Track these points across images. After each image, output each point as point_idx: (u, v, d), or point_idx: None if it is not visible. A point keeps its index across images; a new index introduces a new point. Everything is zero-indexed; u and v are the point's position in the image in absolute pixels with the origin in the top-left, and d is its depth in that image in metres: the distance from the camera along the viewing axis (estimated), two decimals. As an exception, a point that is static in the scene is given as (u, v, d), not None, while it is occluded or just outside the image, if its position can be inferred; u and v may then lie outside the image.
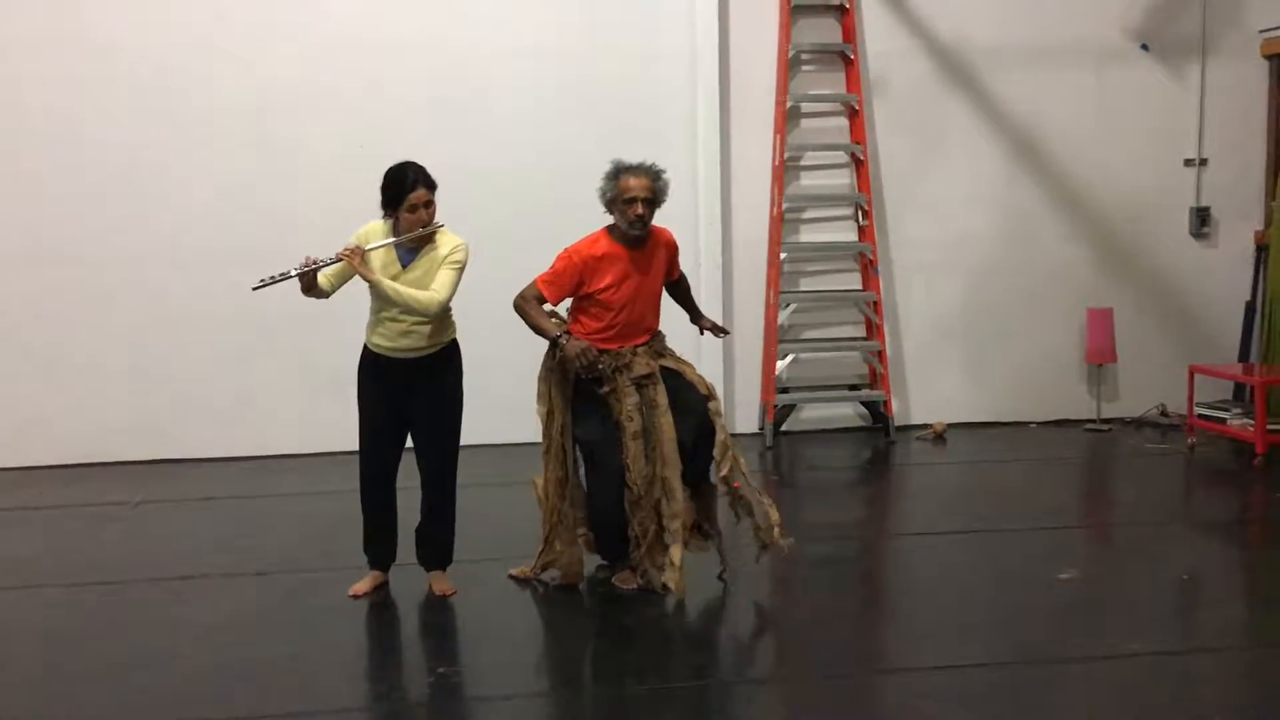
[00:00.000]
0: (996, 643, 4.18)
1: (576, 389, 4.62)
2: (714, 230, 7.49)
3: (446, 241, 4.52)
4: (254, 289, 4.35)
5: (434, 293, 4.42)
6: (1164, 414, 7.91)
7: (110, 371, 7.20)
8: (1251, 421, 6.74)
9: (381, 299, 4.47)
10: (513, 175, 7.37)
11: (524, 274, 7.31)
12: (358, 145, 7.07)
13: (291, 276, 4.31)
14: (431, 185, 4.45)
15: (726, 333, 5.10)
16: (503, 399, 7.21)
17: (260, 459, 7.23)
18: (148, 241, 7.15)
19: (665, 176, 4.65)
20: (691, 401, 4.63)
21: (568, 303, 4.77)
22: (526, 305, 4.59)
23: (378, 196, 4.49)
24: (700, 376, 4.76)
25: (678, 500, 4.54)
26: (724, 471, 4.61)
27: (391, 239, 4.45)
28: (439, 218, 4.50)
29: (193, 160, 7.16)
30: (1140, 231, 7.94)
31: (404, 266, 4.49)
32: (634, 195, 4.55)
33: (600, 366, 4.49)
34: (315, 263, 4.35)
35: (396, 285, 4.40)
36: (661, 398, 4.58)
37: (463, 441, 6.77)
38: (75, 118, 7.09)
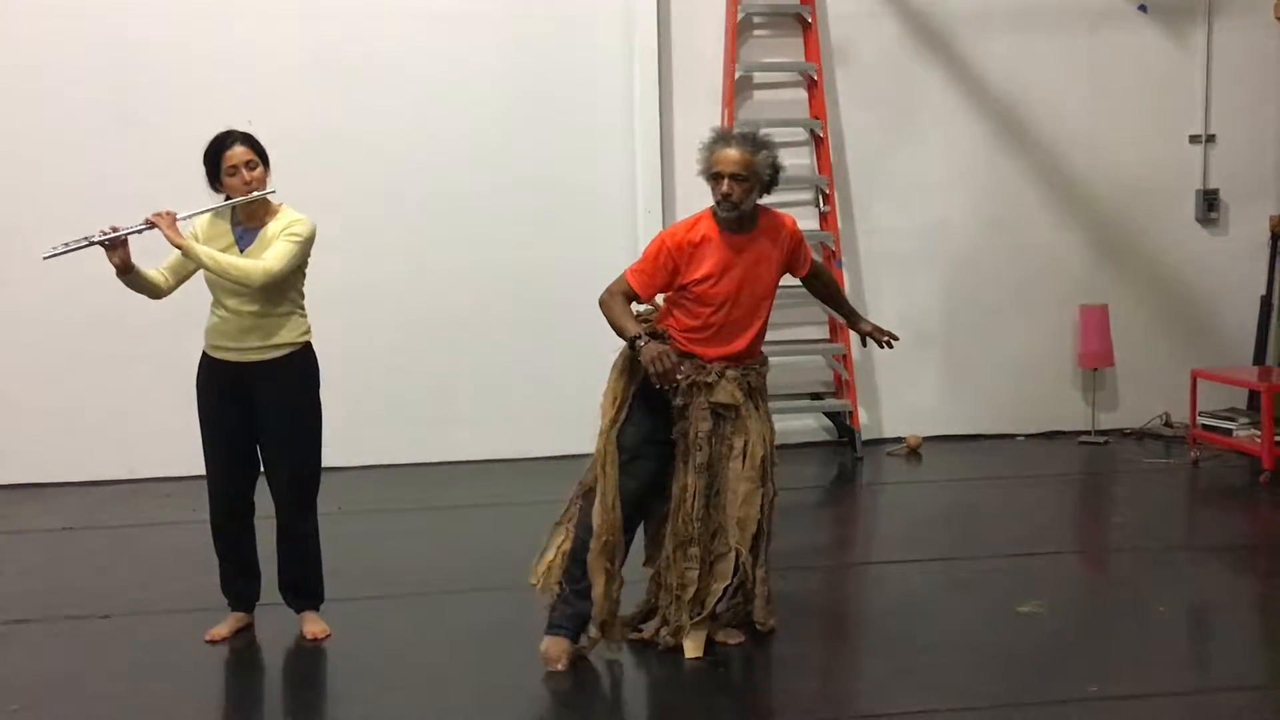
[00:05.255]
0: (963, 684, 4.15)
1: (643, 393, 4.40)
2: (653, 217, 7.44)
3: (287, 215, 4.53)
4: (45, 258, 4.33)
5: (262, 261, 4.38)
6: (1168, 424, 7.89)
7: (-43, 384, 7.08)
8: (1259, 433, 6.71)
9: (213, 281, 4.46)
10: (423, 155, 7.32)
11: (432, 271, 7.44)
12: (245, 121, 6.96)
13: (93, 244, 4.29)
14: (255, 146, 4.48)
15: (893, 342, 4.75)
16: (377, 413, 7.24)
17: (131, 483, 7.14)
18: (-3, 235, 7.03)
19: (771, 150, 4.34)
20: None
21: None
22: (611, 301, 4.33)
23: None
24: (768, 448, 4.44)
25: (728, 562, 4.37)
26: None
27: (212, 205, 4.48)
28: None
29: (47, 142, 7.06)
30: (1140, 218, 7.92)
31: (242, 249, 4.48)
32: (721, 170, 4.27)
33: (679, 378, 4.28)
34: (116, 230, 4.32)
35: (212, 252, 4.38)
36: (738, 440, 4.39)
37: (351, 463, 6.83)
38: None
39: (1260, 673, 4.42)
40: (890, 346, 4.76)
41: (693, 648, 4.37)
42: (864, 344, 4.87)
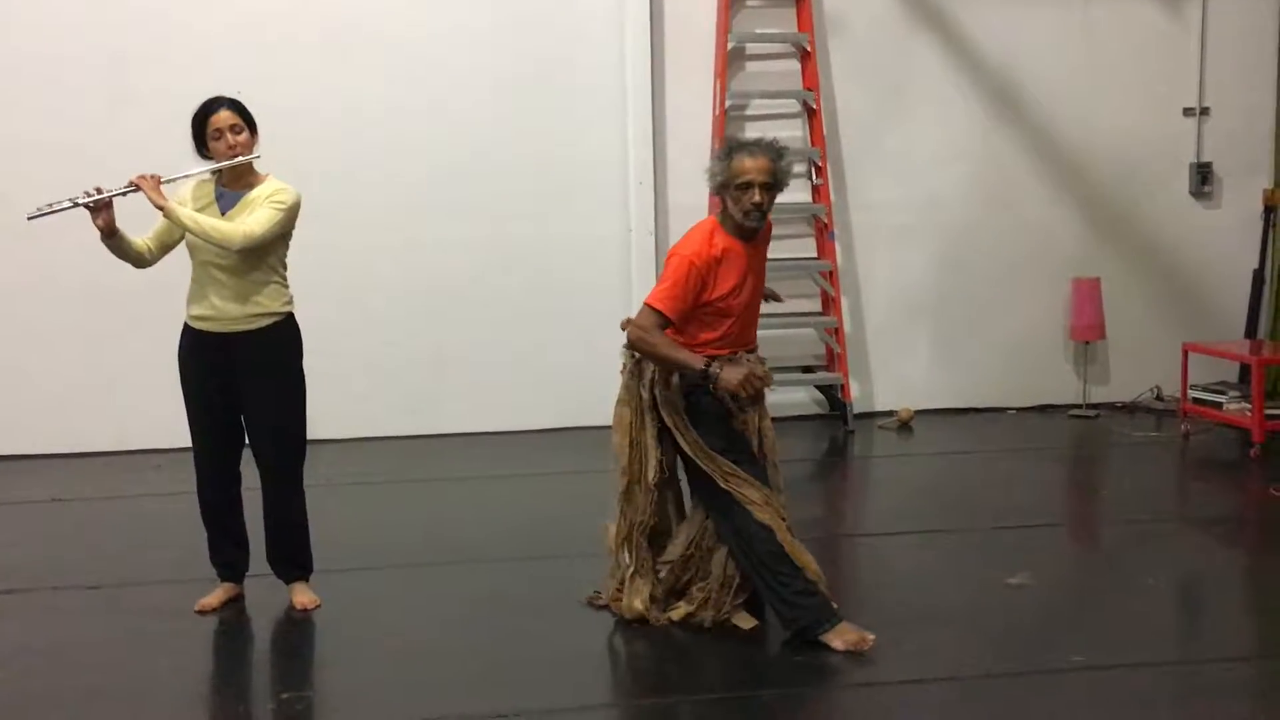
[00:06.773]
0: (953, 655, 4.18)
1: (690, 408, 4.33)
2: (645, 189, 7.44)
3: (273, 184, 4.55)
4: (29, 218, 4.36)
5: (243, 225, 4.39)
6: (1159, 398, 7.92)
7: (-56, 355, 7.07)
8: (1249, 406, 6.73)
9: (194, 245, 4.48)
10: (415, 128, 7.31)
11: (424, 243, 7.43)
12: (235, 91, 6.94)
13: (76, 205, 4.32)
14: (241, 111, 4.50)
15: (780, 299, 4.85)
16: (370, 384, 7.23)
17: (120, 454, 7.13)
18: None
19: (788, 157, 4.35)
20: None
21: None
22: (650, 336, 4.16)
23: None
24: (773, 439, 4.52)
25: None
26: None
27: (197, 169, 4.51)
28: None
29: (37, 112, 7.02)
30: (1133, 191, 7.93)
31: (222, 211, 4.50)
32: (751, 180, 4.18)
33: (765, 392, 4.31)
34: (100, 191, 4.34)
35: (193, 214, 4.40)
36: (754, 418, 4.43)
37: (342, 435, 6.83)
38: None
39: (1247, 644, 4.46)
40: (778, 300, 4.83)
41: (745, 620, 4.42)
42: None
